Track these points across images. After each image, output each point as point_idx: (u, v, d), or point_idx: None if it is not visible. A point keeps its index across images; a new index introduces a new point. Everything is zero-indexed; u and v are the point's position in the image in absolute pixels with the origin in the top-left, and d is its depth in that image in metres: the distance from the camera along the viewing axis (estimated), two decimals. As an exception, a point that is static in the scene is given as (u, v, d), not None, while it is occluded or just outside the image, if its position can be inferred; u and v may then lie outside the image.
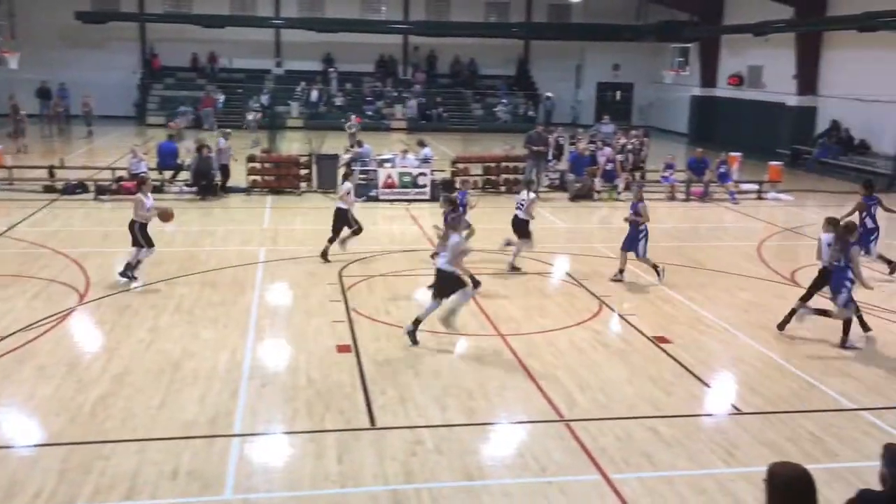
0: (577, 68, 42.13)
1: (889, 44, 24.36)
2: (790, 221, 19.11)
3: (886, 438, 7.47)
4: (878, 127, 25.59)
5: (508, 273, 13.61)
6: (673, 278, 13.41)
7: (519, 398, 8.59)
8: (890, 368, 9.64)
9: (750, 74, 33.72)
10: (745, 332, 10.82)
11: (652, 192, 22.17)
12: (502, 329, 10.75)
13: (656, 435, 7.75)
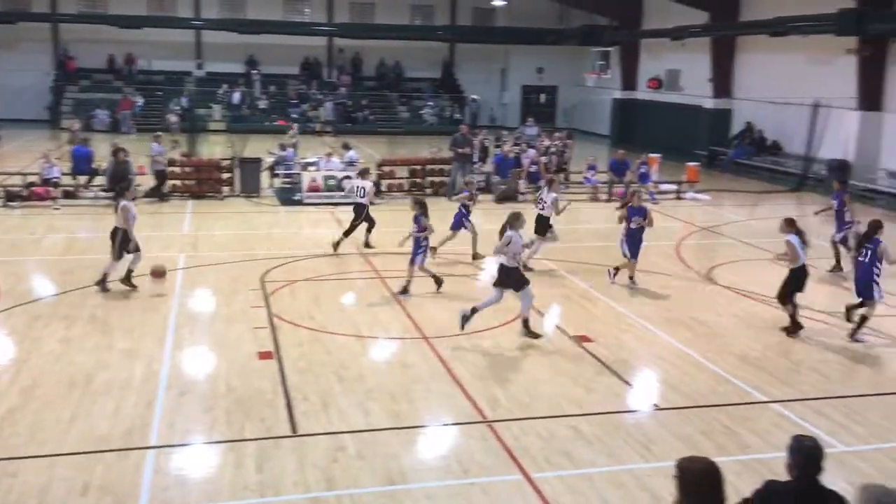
0: (502, 71, 42.53)
1: (798, 48, 25.32)
2: (708, 220, 19.64)
3: (795, 429, 7.74)
4: (788, 128, 26.57)
5: None
6: (594, 278, 13.63)
7: (443, 400, 8.59)
8: (798, 361, 10.00)
9: (668, 78, 34.61)
10: (665, 330, 11.06)
11: (575, 194, 22.57)
12: (427, 332, 10.74)
13: (577, 433, 7.85)
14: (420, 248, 12.56)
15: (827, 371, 9.68)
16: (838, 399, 8.80)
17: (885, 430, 8.07)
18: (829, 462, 7.22)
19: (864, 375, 9.62)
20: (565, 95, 42.31)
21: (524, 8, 39.14)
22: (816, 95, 24.27)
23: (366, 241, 15.48)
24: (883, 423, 8.22)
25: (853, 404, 8.67)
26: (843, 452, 7.55)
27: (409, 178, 21.90)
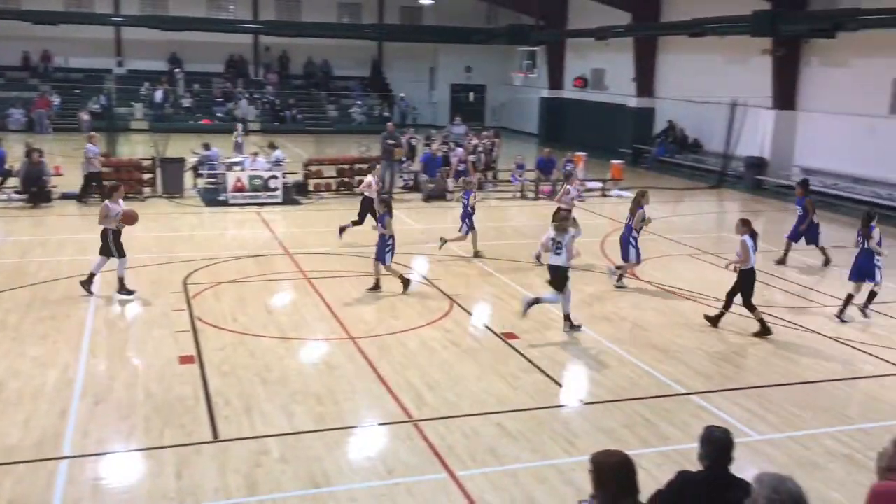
0: (431, 70, 42.59)
1: (717, 48, 26.05)
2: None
3: (713, 420, 7.97)
4: (708, 127, 27.33)
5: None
6: (522, 275, 13.76)
7: (368, 401, 8.55)
8: (715, 353, 10.27)
9: (594, 77, 35.19)
10: (588, 325, 11.22)
11: (503, 192, 22.78)
12: (353, 332, 10.66)
13: (502, 430, 7.90)
14: (387, 247, 12.57)
15: (743, 362, 9.98)
16: (753, 389, 9.08)
17: (797, 418, 8.36)
18: (744, 450, 7.49)
19: (779, 366, 9.94)
20: (494, 94, 42.62)
21: (452, 7, 39.27)
22: (734, 95, 25.02)
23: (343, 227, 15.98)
24: (795, 412, 8.51)
25: (767, 394, 8.96)
26: (757, 441, 7.78)
27: (338, 178, 21.73)
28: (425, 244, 16.50)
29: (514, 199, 22.11)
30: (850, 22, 20.12)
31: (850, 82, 22.26)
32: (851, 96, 22.17)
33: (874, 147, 21.20)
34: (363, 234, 16.99)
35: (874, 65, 21.42)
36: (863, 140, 21.59)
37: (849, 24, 20.22)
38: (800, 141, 24.22)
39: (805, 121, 24.06)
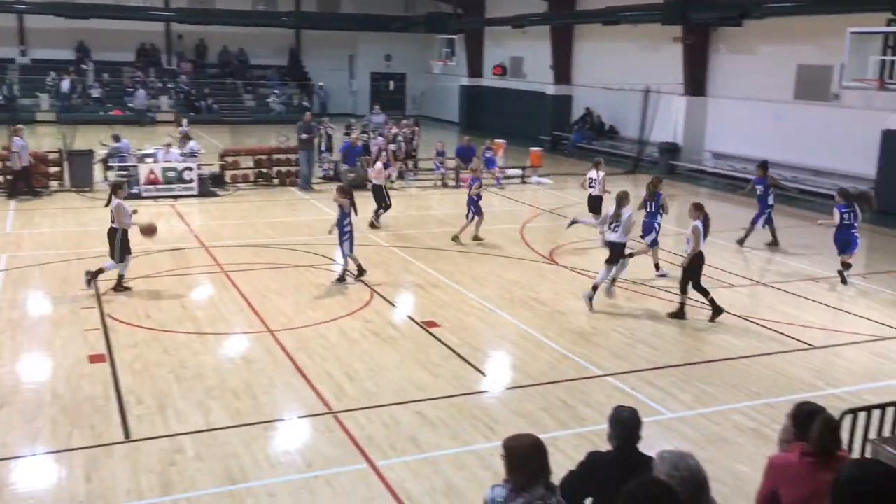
0: (350, 58, 42.20)
1: (630, 36, 26.57)
2: (551, 203, 20.29)
3: (628, 400, 8.14)
4: (623, 113, 27.89)
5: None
6: (443, 264, 13.80)
7: (287, 394, 8.44)
8: (631, 335, 10.50)
9: (512, 65, 35.47)
10: (508, 312, 11.34)
11: (424, 180, 22.78)
12: (272, 325, 10.51)
13: (423, 418, 7.91)
14: (345, 235, 12.59)
15: (657, 343, 10.23)
16: (667, 368, 9.33)
17: (709, 395, 8.63)
18: (657, 428, 7.70)
19: (691, 345, 10.24)
20: (414, 82, 42.52)
21: (370, -6, 38.98)
22: (648, 82, 25.58)
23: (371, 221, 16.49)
24: (706, 389, 8.78)
25: (680, 373, 9.22)
26: (669, 419, 8.00)
27: (255, 169, 21.34)
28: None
29: (436, 187, 22.14)
30: (756, 10, 20.79)
31: (757, 69, 23.02)
32: (758, 82, 22.93)
33: (780, 131, 21.98)
34: (281, 226, 16.77)
35: (779, 52, 22.19)
36: (769, 125, 22.36)
37: (754, 12, 20.89)
38: (710, 126, 24.96)
39: (715, 107, 24.79)
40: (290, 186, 21.17)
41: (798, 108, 21.74)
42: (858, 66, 15.98)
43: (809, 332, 10.72)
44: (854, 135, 19.80)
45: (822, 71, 20.57)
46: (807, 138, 21.04)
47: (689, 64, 24.65)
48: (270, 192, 20.54)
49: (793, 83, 21.97)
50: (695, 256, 10.88)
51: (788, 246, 15.52)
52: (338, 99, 40.51)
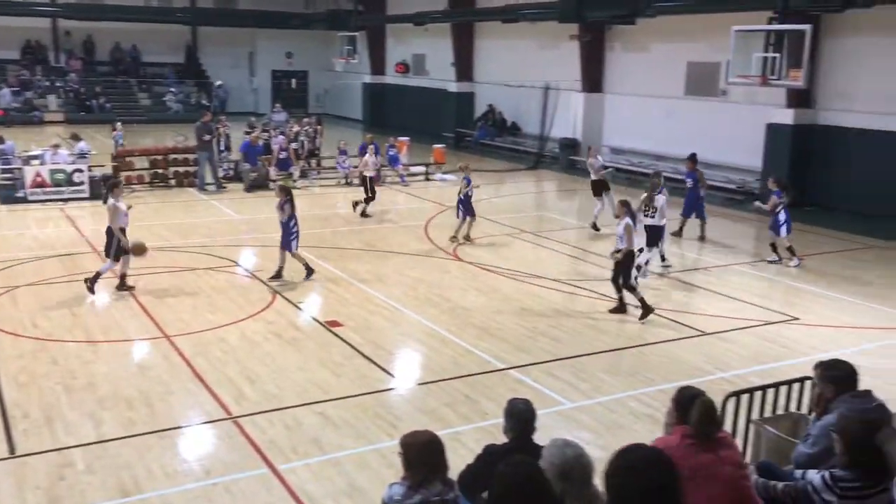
0: (250, 55, 41.39)
1: (529, 34, 26.99)
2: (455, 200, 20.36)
3: (530, 392, 8.26)
4: (524, 110, 28.32)
5: None
6: (346, 262, 13.69)
7: (184, 401, 8.21)
8: (533, 328, 10.66)
9: (415, 62, 35.50)
10: (412, 309, 11.35)
11: (328, 179, 22.56)
12: (168, 330, 10.20)
13: (325, 419, 7.83)
14: (291, 234, 12.43)
15: (558, 335, 10.42)
16: (567, 360, 9.51)
17: (607, 384, 8.85)
18: (557, 418, 7.85)
19: (590, 336, 10.47)
20: (316, 80, 42.04)
21: (269, -10, 38.30)
22: (547, 79, 26.02)
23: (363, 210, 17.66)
24: (604, 378, 9.00)
25: (580, 363, 9.42)
26: (569, 408, 8.17)
27: (151, 170, 20.67)
28: (248, 235, 16.08)
29: (339, 185, 21.95)
30: (647, 9, 21.40)
31: (650, 66, 23.75)
32: (651, 79, 23.67)
33: (673, 126, 22.74)
34: (178, 228, 16.31)
35: (670, 49, 22.95)
36: (663, 120, 23.11)
37: (646, 11, 21.50)
38: (608, 122, 25.61)
39: (611, 103, 25.45)
40: (187, 187, 20.60)
41: (689, 104, 22.55)
42: (743, 63, 16.67)
43: (702, 319, 11.13)
44: (741, 129, 20.66)
45: (710, 68, 21.38)
46: (698, 133, 21.83)
47: (586, 61, 25.22)
48: (167, 194, 19.94)
49: (683, 79, 22.76)
50: (628, 253, 10.87)
51: (684, 236, 16.06)
52: (238, 97, 39.66)
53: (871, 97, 18.16)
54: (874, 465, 3.92)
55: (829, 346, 9.95)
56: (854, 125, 18.49)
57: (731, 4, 19.07)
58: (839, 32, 18.56)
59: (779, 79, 16.13)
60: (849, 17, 17.61)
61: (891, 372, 9.04)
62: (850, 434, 3.99)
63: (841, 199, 18.67)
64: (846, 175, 18.58)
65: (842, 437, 4.02)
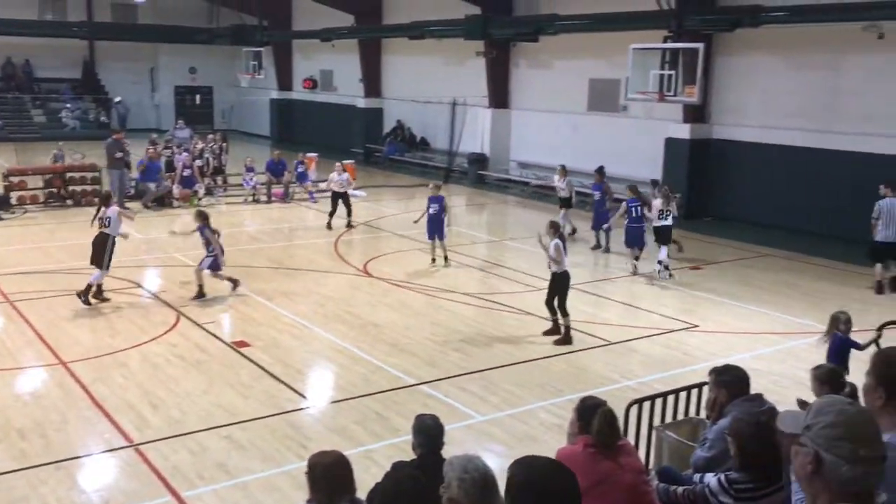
0: (152, 71, 40.33)
1: (437, 51, 27.22)
2: (365, 216, 20.30)
3: (441, 407, 8.30)
4: (433, 126, 28.53)
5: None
6: (253, 281, 13.44)
7: (82, 430, 7.87)
8: (443, 342, 10.69)
9: (322, 78, 35.31)
10: (321, 326, 11.22)
11: (235, 196, 22.14)
12: (65, 356, 9.78)
13: (232, 442, 7.64)
14: (210, 255, 12.41)
15: (468, 349, 10.47)
16: (477, 373, 9.57)
17: (516, 396, 8.94)
18: (467, 432, 7.88)
19: (500, 349, 10.56)
20: (221, 96, 41.27)
21: (171, 5, 37.46)
22: (455, 94, 26.31)
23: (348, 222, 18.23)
24: (515, 391, 9.09)
25: (490, 376, 9.49)
26: (480, 422, 8.22)
27: (46, 189, 19.84)
28: (150, 254, 15.59)
29: (246, 203, 21.57)
30: (550, 27, 21.96)
31: (554, 82, 24.29)
32: (555, 95, 24.20)
33: (577, 141, 23.28)
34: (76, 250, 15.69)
35: (573, 66, 23.54)
36: (567, 135, 23.63)
37: (548, 29, 22.05)
38: (514, 137, 26.02)
39: (518, 118, 25.89)
40: (86, 207, 19.83)
41: (592, 119, 23.14)
42: (642, 80, 17.27)
43: (608, 328, 11.41)
44: (642, 143, 21.33)
45: (611, 84, 22.02)
46: (601, 147, 22.40)
47: (493, 77, 25.60)
48: (63, 214, 19.16)
49: (586, 96, 23.35)
50: (560, 275, 10.69)
51: (585, 246, 16.44)
52: (139, 113, 38.54)
53: (760, 112, 19.07)
54: (765, 465, 4.08)
55: (728, 352, 10.34)
56: (745, 139, 19.37)
57: (629, 23, 19.72)
58: (730, 51, 19.45)
59: (675, 95, 16.77)
60: (738, 36, 18.49)
61: (784, 375, 9.47)
62: (741, 436, 4.15)
63: (735, 210, 19.49)
64: (740, 187, 19.43)
65: (734, 439, 4.18)
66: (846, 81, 17.29)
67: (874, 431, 2.38)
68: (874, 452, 2.31)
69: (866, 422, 2.39)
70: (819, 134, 17.67)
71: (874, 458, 2.31)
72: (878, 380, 3.16)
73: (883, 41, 16.09)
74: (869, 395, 3.19)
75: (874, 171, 15.22)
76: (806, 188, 18.00)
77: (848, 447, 2.30)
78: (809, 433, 2.40)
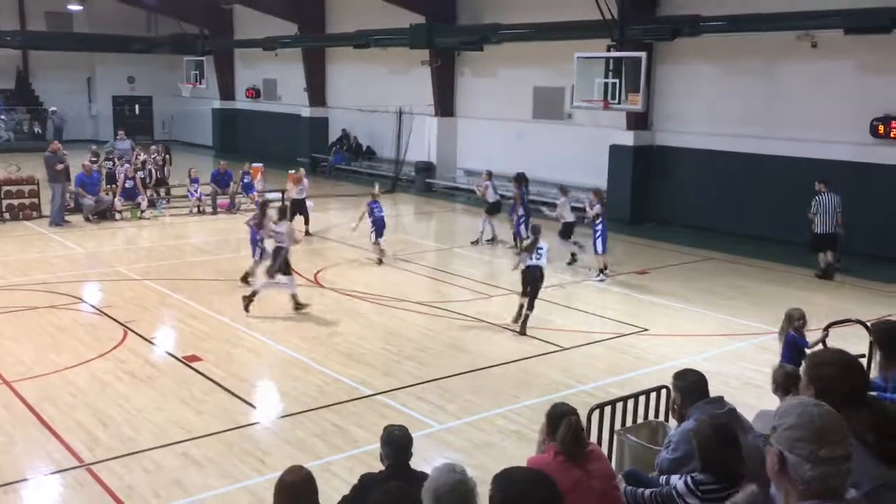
0: (88, 81, 39.41)
1: (382, 60, 27.20)
2: (314, 225, 20.13)
3: (399, 417, 8.28)
4: (379, 134, 28.50)
5: None
6: (202, 294, 13.23)
7: (30, 451, 7.63)
8: (398, 352, 10.66)
9: (265, 87, 34.96)
10: (274, 338, 11.10)
11: (179, 208, 21.75)
12: (8, 375, 9.47)
13: (188, 459, 7.50)
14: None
15: (424, 358, 10.47)
16: (434, 382, 9.58)
17: (473, 404, 8.97)
18: (427, 441, 7.88)
19: (455, 357, 10.58)
20: (162, 106, 40.49)
21: (107, 14, 36.62)
22: (401, 103, 26.33)
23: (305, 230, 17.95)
24: (472, 399, 9.12)
25: (446, 385, 9.51)
26: (438, 430, 8.22)
27: (-21, 203, 19.20)
28: (94, 268, 15.22)
29: (191, 214, 21.21)
30: (493, 36, 22.15)
31: (499, 90, 24.49)
32: (501, 103, 24.40)
33: (523, 149, 23.49)
34: (15, 265, 15.24)
35: (517, 74, 23.77)
36: (513, 143, 23.85)
37: (492, 38, 22.25)
38: (461, 145, 26.15)
39: (464, 126, 26.03)
40: (24, 221, 19.29)
41: (537, 127, 23.39)
42: (586, 88, 17.56)
43: (559, 334, 11.52)
44: (587, 150, 21.64)
45: (555, 92, 22.31)
46: (547, 154, 22.68)
47: (438, 86, 25.69)
48: (0, 229, 18.58)
49: (531, 104, 23.60)
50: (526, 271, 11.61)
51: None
52: (76, 124, 37.60)
53: (700, 119, 19.53)
54: (728, 466, 4.18)
55: (678, 354, 10.56)
56: (686, 145, 19.81)
57: (572, 32, 20.00)
58: (671, 59, 19.90)
59: (619, 103, 17.09)
60: (679, 45, 18.93)
61: (733, 376, 9.70)
62: (703, 437, 4.25)
63: (678, 215, 19.90)
64: (682, 192, 19.86)
65: (696, 441, 4.28)
66: (783, 89, 17.85)
67: (837, 432, 2.44)
68: (836, 453, 2.38)
69: (829, 422, 2.46)
70: (757, 140, 18.20)
71: (836, 458, 2.38)
72: (809, 380, 3.32)
73: (817, 49, 16.67)
74: (802, 394, 3.33)
75: (811, 174, 15.74)
76: (746, 193, 18.49)
77: (808, 448, 2.38)
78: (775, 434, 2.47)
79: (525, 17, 21.63)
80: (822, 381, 3.22)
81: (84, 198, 19.71)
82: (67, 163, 19.79)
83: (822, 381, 3.21)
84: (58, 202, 19.03)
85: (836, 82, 16.92)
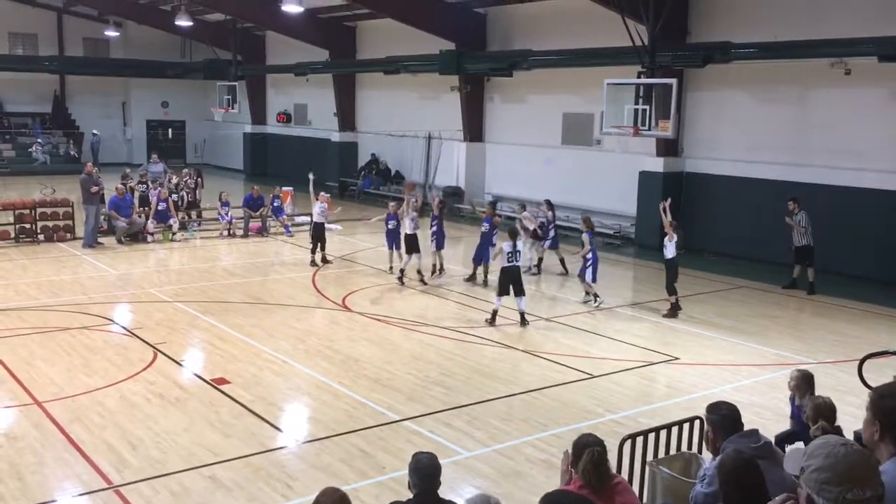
0: (123, 105, 40.15)
1: (411, 85, 27.44)
2: (342, 250, 20.25)
3: (426, 443, 8.22)
4: (408, 159, 28.64)
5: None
6: (231, 317, 13.31)
7: (59, 472, 7.67)
8: (425, 377, 10.61)
9: (296, 112, 35.38)
10: (302, 362, 11.11)
11: (210, 231, 21.98)
12: (40, 396, 9.56)
13: (215, 482, 7.49)
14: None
15: (450, 383, 10.42)
16: (461, 408, 9.51)
17: (501, 431, 8.89)
18: (455, 469, 7.81)
19: (481, 383, 10.51)
20: (194, 130, 41.15)
21: (143, 39, 37.40)
22: (430, 128, 26.47)
23: (323, 257, 18.04)
24: (499, 426, 9.04)
25: (474, 411, 9.43)
26: (466, 458, 8.14)
27: (16, 224, 19.54)
28: (125, 290, 15.38)
29: (222, 237, 21.41)
30: (523, 62, 22.25)
31: (528, 116, 24.55)
32: (530, 129, 24.45)
33: (551, 174, 23.49)
34: (49, 286, 15.45)
35: (547, 101, 23.82)
36: (541, 168, 23.84)
37: (522, 64, 22.34)
38: (489, 170, 26.20)
39: (492, 152, 26.10)
40: (58, 242, 19.59)
41: (566, 153, 23.38)
42: (616, 114, 17.50)
43: (588, 361, 11.41)
44: (616, 176, 21.58)
45: (585, 118, 22.31)
46: (575, 180, 22.64)
47: (468, 111, 25.81)
48: (35, 250, 18.89)
49: (560, 129, 23.62)
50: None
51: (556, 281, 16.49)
52: (111, 147, 38.32)
53: (730, 146, 19.40)
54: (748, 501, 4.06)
55: (709, 384, 10.40)
56: (717, 172, 19.67)
57: (603, 59, 20.04)
58: (702, 86, 19.82)
59: (649, 129, 16.99)
60: (709, 71, 18.86)
61: (766, 407, 9.52)
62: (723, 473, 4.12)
63: (708, 242, 19.70)
64: (712, 219, 19.68)
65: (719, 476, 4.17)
66: (815, 116, 17.68)
67: (865, 472, 2.36)
68: (865, 494, 2.31)
69: (856, 464, 2.37)
70: (789, 167, 18.01)
71: (865, 500, 2.31)
72: (874, 414, 3.19)
73: (850, 77, 16.50)
74: (867, 429, 3.21)
75: (844, 203, 15.54)
76: (776, 220, 18.26)
77: (835, 491, 2.30)
78: (803, 476, 2.41)
79: (555, 44, 21.71)
80: (886, 415, 3.08)
81: (117, 220, 20.00)
82: (102, 185, 20.10)
83: (889, 416, 3.08)
84: (91, 224, 19.30)
85: (871, 110, 16.73)
